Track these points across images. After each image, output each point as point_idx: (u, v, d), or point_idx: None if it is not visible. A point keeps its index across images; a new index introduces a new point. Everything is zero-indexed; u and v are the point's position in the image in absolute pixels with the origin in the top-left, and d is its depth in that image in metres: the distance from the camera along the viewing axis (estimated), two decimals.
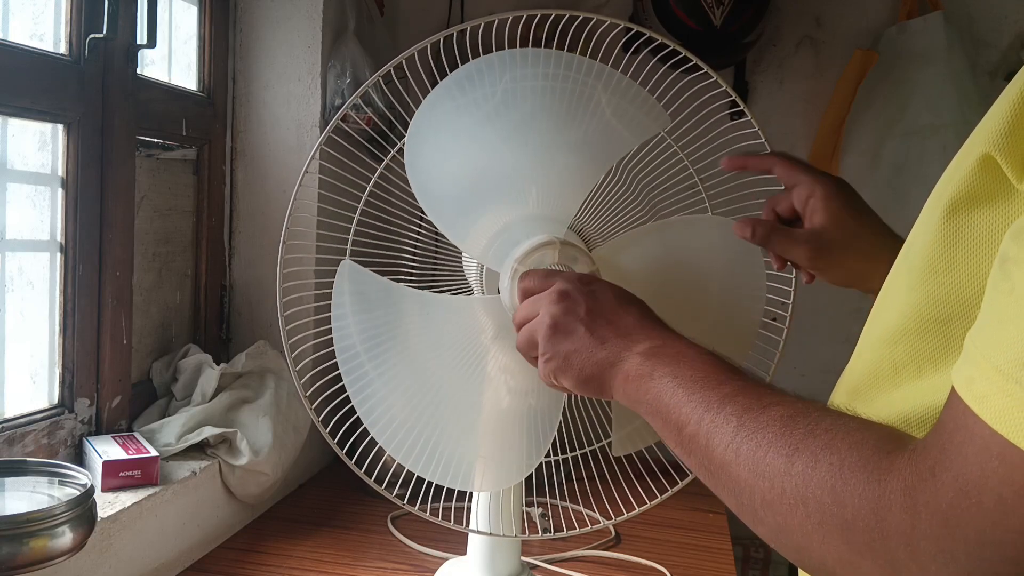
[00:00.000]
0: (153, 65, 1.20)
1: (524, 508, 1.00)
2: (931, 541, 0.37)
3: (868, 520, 0.39)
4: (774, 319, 0.92)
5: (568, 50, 0.85)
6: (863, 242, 0.77)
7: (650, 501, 0.95)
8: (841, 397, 0.58)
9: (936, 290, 0.46)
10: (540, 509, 1.24)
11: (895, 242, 0.77)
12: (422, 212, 0.96)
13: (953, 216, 0.44)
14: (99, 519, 0.85)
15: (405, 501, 0.91)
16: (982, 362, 0.37)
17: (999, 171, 0.41)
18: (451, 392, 0.85)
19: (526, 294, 0.73)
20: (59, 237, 1.02)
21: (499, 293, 0.83)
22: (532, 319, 0.69)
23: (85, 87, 1.02)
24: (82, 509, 0.77)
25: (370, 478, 0.89)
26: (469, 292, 0.90)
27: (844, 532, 0.40)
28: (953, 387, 0.38)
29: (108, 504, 0.94)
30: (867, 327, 0.57)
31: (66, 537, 0.75)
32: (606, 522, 0.99)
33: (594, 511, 1.05)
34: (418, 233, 0.95)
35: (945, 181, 0.47)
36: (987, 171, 0.42)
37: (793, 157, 0.83)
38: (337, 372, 0.84)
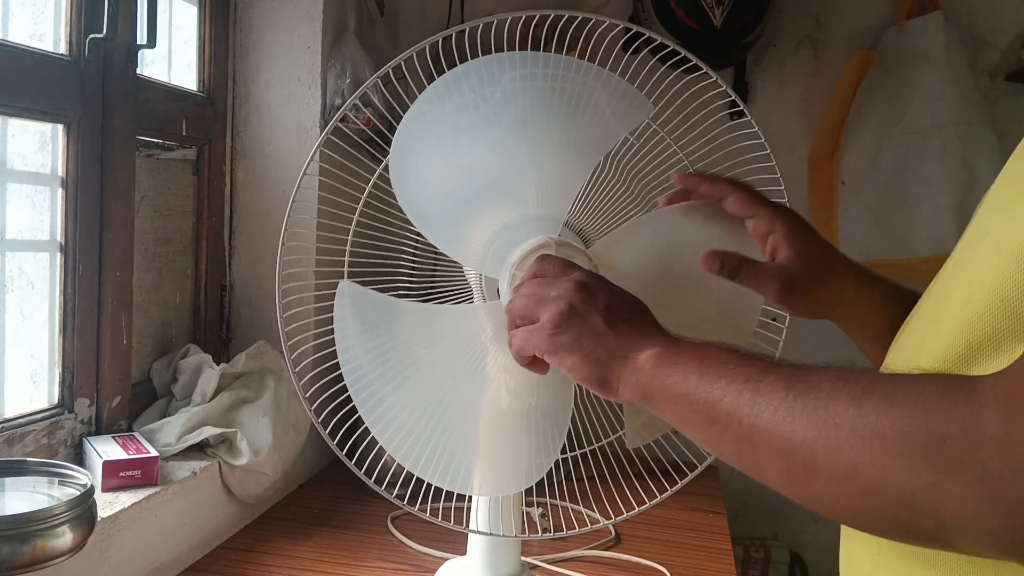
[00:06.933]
0: (153, 65, 1.20)
1: (524, 508, 1.00)
2: None
3: (959, 437, 0.40)
4: (774, 319, 0.92)
5: (567, 50, 0.85)
6: (826, 272, 0.78)
7: (650, 501, 0.95)
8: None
9: None
10: (540, 509, 1.24)
11: (850, 265, 0.79)
12: None
13: None
14: (99, 519, 0.85)
15: (405, 501, 0.91)
16: None
17: None
18: (457, 398, 0.85)
19: (538, 276, 0.70)
20: (59, 237, 1.02)
21: (499, 298, 0.83)
22: (540, 295, 0.67)
23: (85, 87, 1.02)
24: (82, 509, 0.77)
25: (370, 478, 0.89)
26: (470, 294, 0.90)
27: (933, 453, 0.41)
28: None
29: (108, 504, 0.94)
30: (922, 316, 0.56)
31: (66, 537, 0.75)
32: (606, 522, 0.99)
33: (594, 511, 1.05)
34: (417, 237, 0.95)
35: None
36: None
37: (747, 187, 0.81)
38: (337, 372, 0.84)
